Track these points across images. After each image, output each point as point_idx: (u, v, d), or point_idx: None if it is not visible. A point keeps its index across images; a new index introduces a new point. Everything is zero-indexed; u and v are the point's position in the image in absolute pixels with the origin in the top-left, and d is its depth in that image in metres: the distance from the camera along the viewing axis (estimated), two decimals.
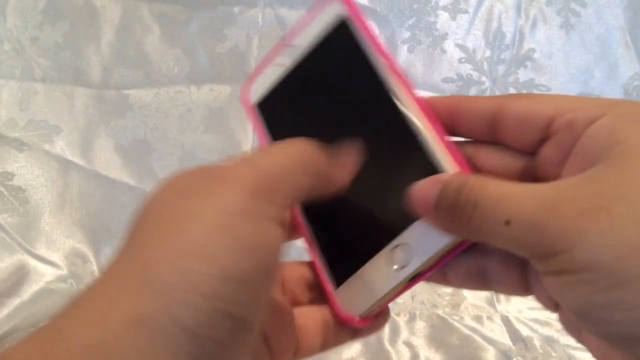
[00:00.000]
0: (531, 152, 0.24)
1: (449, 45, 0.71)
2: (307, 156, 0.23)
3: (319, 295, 0.27)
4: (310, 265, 0.28)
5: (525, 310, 0.62)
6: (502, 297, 0.64)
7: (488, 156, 0.25)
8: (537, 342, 0.59)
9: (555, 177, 0.23)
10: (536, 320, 0.61)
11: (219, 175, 0.20)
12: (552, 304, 0.24)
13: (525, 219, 0.19)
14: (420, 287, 0.64)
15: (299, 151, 0.22)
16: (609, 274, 0.17)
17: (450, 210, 0.21)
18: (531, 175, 0.24)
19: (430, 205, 0.22)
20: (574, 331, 0.24)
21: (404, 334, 0.59)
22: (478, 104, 0.25)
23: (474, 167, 0.25)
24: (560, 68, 0.71)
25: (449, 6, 0.71)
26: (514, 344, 0.58)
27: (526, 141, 0.24)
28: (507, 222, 0.19)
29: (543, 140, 0.23)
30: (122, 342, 0.17)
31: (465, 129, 0.25)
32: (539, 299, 0.25)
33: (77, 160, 0.70)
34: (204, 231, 0.18)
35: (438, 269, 0.25)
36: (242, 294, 0.18)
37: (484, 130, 0.25)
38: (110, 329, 0.17)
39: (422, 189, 0.23)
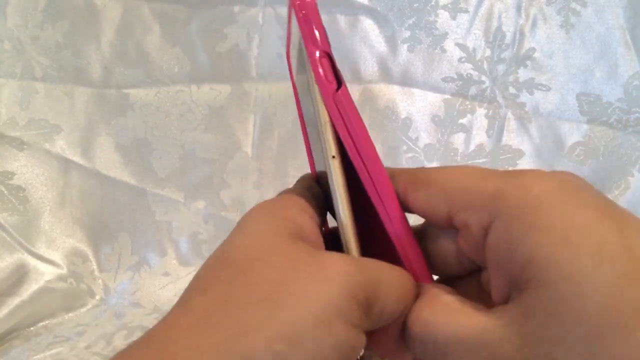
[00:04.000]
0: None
1: (449, 44, 0.71)
2: (410, 289, 0.22)
3: None
4: None
5: None
6: None
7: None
8: None
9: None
10: None
11: (320, 259, 0.20)
12: None
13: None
14: None
15: (405, 280, 0.22)
16: None
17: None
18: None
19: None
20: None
21: None
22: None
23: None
24: (561, 67, 0.71)
25: (449, 5, 0.71)
26: None
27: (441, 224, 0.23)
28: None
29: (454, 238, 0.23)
30: None
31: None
32: None
33: (77, 159, 0.70)
34: (301, 319, 0.18)
35: None
36: None
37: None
38: None
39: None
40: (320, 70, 0.21)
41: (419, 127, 0.72)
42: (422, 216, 0.23)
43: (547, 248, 0.18)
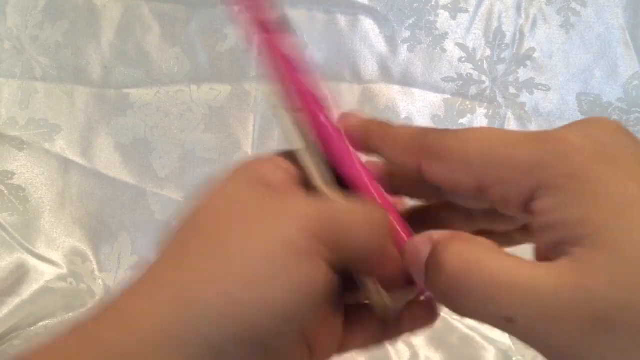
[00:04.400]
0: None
1: (449, 44, 0.71)
2: (382, 228, 0.21)
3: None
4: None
5: None
6: None
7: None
8: None
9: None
10: None
11: (282, 202, 0.20)
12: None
13: (530, 323, 0.17)
14: None
15: (376, 218, 0.21)
16: None
17: (438, 281, 0.19)
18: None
19: (421, 267, 0.20)
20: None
21: None
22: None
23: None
24: (560, 67, 0.71)
25: (449, 5, 0.71)
26: (514, 343, 0.58)
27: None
28: (509, 320, 0.17)
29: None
30: (151, 353, 0.17)
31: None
32: None
33: (77, 159, 0.70)
34: (254, 261, 0.18)
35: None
36: (280, 327, 0.18)
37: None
38: (142, 338, 0.17)
39: (415, 246, 0.21)
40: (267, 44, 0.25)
41: None
42: (444, 188, 0.22)
43: (604, 213, 0.17)
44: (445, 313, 0.64)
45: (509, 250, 0.19)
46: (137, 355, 0.17)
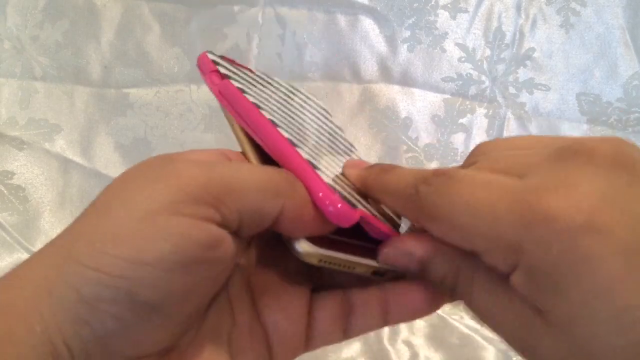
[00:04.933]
0: None
1: (448, 44, 0.71)
2: (276, 183, 0.22)
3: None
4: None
5: None
6: None
7: None
8: None
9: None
10: None
11: (165, 169, 0.21)
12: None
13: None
14: None
15: (268, 176, 0.22)
16: None
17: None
18: None
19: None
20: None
21: (404, 333, 0.59)
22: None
23: None
24: (560, 67, 0.71)
25: (449, 5, 0.71)
26: None
27: None
28: None
29: None
30: (29, 309, 0.18)
31: None
32: None
33: (77, 159, 0.70)
34: (127, 219, 0.19)
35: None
36: (153, 279, 0.19)
37: None
38: (22, 294, 0.18)
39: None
40: (210, 82, 0.30)
41: (419, 127, 0.72)
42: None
43: (569, 308, 0.18)
44: (445, 313, 0.64)
45: None
46: (18, 313, 0.18)
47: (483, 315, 0.22)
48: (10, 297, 0.19)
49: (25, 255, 0.66)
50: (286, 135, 0.24)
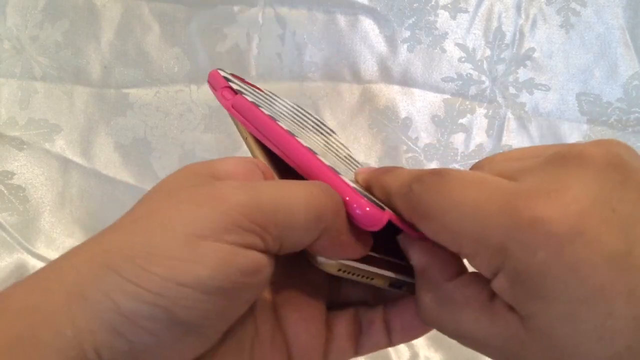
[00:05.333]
0: None
1: (448, 44, 0.71)
2: (320, 207, 0.21)
3: None
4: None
5: None
6: None
7: None
8: None
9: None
10: None
11: (210, 191, 0.21)
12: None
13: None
14: None
15: (312, 198, 0.21)
16: None
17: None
18: None
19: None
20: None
21: None
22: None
23: None
24: (560, 67, 0.71)
25: (449, 5, 0.71)
26: None
27: None
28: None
29: None
30: (58, 310, 0.18)
31: None
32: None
33: (77, 159, 0.70)
34: (169, 240, 0.19)
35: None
36: (191, 300, 0.19)
37: None
38: (49, 297, 0.18)
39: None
40: (222, 97, 0.30)
41: (419, 127, 0.72)
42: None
43: (549, 316, 0.18)
44: None
45: None
46: (44, 316, 0.18)
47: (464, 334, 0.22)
48: (35, 300, 0.18)
49: (25, 256, 0.66)
50: (306, 144, 0.25)
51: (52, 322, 0.18)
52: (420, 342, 0.58)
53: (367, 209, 0.22)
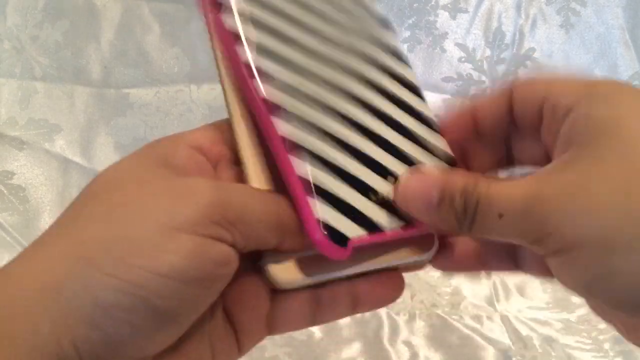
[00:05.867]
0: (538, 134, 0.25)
1: (448, 44, 0.71)
2: (279, 218, 0.23)
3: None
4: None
5: (524, 310, 0.62)
6: (501, 296, 0.64)
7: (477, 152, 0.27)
8: (536, 342, 0.59)
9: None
10: (536, 320, 0.61)
11: (179, 181, 0.22)
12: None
13: (514, 209, 0.21)
14: (420, 286, 0.64)
15: (273, 208, 0.23)
16: (597, 246, 0.19)
17: (453, 212, 0.22)
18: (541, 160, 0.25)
19: (432, 206, 0.22)
20: (602, 313, 0.24)
21: (404, 334, 0.59)
22: (491, 102, 0.26)
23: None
24: (560, 67, 0.71)
25: (449, 5, 0.71)
26: (513, 343, 0.59)
27: (531, 124, 0.25)
28: (500, 216, 0.21)
29: (540, 123, 0.24)
30: (33, 306, 0.18)
31: (489, 129, 0.26)
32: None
33: (77, 159, 0.70)
34: (148, 232, 0.20)
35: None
36: (169, 290, 0.19)
37: (505, 123, 0.26)
38: (23, 293, 0.18)
39: (417, 186, 0.23)
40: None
41: None
42: (521, 107, 0.25)
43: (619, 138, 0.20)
44: (445, 313, 0.64)
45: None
46: (19, 311, 0.18)
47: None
48: (9, 296, 0.18)
49: None
50: (285, 130, 0.23)
51: (28, 319, 0.18)
52: (420, 342, 0.58)
53: (324, 242, 0.22)
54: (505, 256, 0.27)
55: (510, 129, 0.26)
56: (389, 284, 0.26)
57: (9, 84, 0.69)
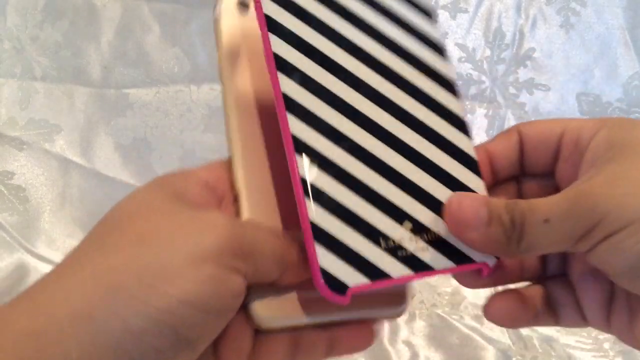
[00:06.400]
0: (550, 172, 0.27)
1: (448, 44, 0.71)
2: (283, 254, 0.24)
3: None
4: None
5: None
6: None
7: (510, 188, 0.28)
8: (536, 342, 0.59)
9: None
10: None
11: (199, 213, 0.23)
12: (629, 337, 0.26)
13: (559, 209, 0.22)
14: (420, 286, 0.64)
15: (278, 245, 0.24)
16: None
17: (501, 228, 0.23)
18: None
19: (483, 224, 0.23)
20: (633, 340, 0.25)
21: (404, 334, 0.59)
22: (503, 145, 0.27)
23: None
24: (560, 67, 0.71)
25: (448, 5, 0.71)
26: (513, 343, 0.59)
27: (545, 162, 0.26)
28: (547, 221, 0.22)
29: (556, 159, 0.26)
30: (64, 333, 0.18)
31: (502, 171, 0.28)
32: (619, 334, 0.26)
33: (77, 159, 0.70)
34: (175, 259, 0.20)
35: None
36: (193, 318, 0.20)
37: (516, 165, 0.27)
38: (54, 320, 0.19)
39: (468, 205, 0.24)
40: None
41: None
42: (535, 145, 0.26)
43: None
44: (445, 313, 0.64)
45: None
46: (50, 339, 0.18)
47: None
48: (41, 323, 0.19)
49: (25, 256, 0.66)
50: (305, 171, 0.23)
51: (58, 346, 0.18)
52: (420, 342, 0.58)
53: (323, 287, 0.22)
54: (547, 310, 0.27)
55: (520, 169, 0.27)
56: (363, 333, 0.27)
57: (9, 84, 0.69)
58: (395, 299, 0.27)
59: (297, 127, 0.23)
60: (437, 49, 0.27)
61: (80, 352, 0.18)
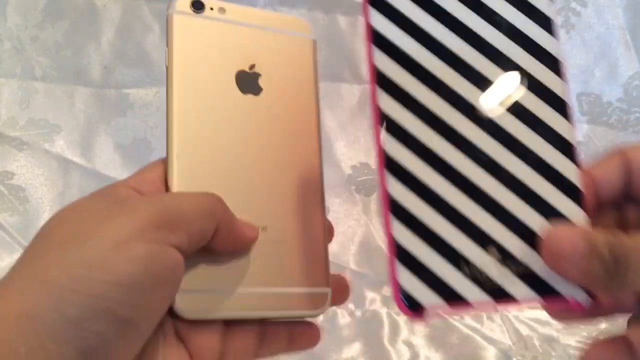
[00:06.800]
0: None
1: None
2: (211, 206, 0.25)
3: None
4: None
5: (525, 310, 0.62)
6: None
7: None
8: (537, 342, 0.59)
9: None
10: (536, 320, 0.61)
11: (119, 204, 0.24)
12: None
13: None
14: None
15: (204, 200, 0.25)
16: None
17: (600, 263, 0.22)
18: None
19: (581, 257, 0.22)
20: None
21: (404, 334, 0.59)
22: (607, 169, 0.25)
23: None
24: None
25: None
26: (514, 343, 0.59)
27: None
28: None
29: None
30: (12, 334, 0.20)
31: (604, 197, 0.26)
32: None
33: (77, 159, 0.70)
34: (100, 246, 0.22)
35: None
36: (129, 297, 0.21)
37: (619, 191, 0.26)
38: (2, 324, 0.20)
39: (566, 236, 0.23)
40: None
41: None
42: (601, 180, 0.25)
43: None
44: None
45: None
46: (2, 344, 0.19)
47: None
48: None
49: None
50: (395, 191, 0.23)
51: (6, 345, 0.19)
52: (420, 342, 0.58)
53: (401, 305, 0.23)
54: None
55: (621, 195, 0.26)
56: (314, 332, 0.30)
57: (9, 84, 0.69)
58: (316, 301, 0.29)
59: (388, 142, 0.23)
60: (552, 60, 0.25)
61: (27, 347, 0.19)
